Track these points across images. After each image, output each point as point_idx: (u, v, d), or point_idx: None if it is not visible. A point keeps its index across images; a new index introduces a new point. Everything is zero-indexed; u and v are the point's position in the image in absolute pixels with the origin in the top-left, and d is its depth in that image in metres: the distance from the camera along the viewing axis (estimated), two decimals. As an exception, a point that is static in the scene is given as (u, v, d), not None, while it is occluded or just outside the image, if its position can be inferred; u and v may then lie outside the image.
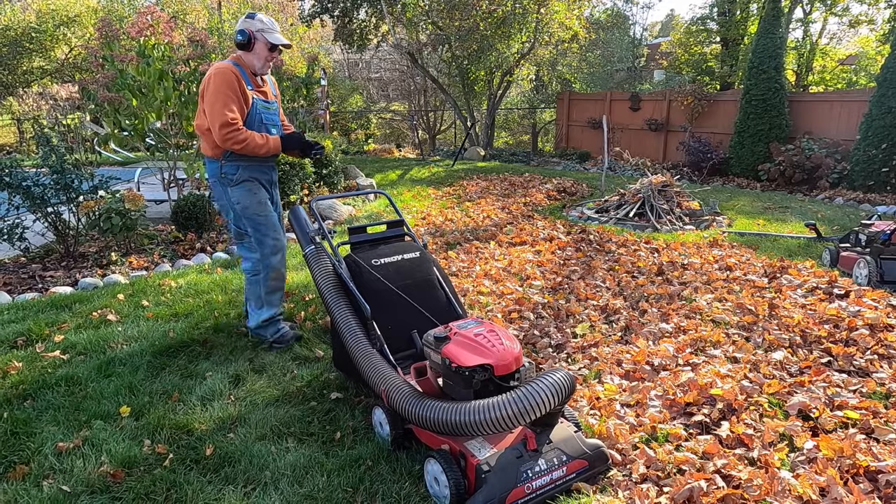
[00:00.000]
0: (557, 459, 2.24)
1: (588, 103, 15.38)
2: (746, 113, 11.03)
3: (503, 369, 2.27)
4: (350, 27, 16.13)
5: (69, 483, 2.37)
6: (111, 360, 3.46)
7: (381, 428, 2.66)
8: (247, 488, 2.38)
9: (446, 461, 2.20)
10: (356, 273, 2.95)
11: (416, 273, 3.08)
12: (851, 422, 2.61)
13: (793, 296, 4.24)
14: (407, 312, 2.93)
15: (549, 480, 2.20)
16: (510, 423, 2.05)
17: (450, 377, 2.34)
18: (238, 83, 3.30)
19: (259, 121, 3.47)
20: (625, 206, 7.60)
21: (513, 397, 2.07)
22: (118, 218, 5.41)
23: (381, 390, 2.50)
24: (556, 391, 2.09)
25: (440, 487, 2.23)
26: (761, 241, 6.07)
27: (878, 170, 9.14)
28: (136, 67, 5.73)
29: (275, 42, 3.35)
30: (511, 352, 2.32)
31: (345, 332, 2.78)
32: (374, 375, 2.57)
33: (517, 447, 2.23)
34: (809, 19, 15.67)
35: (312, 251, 3.13)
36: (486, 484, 2.10)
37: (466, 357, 2.28)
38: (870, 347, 3.34)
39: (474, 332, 2.39)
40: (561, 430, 2.35)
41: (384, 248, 3.16)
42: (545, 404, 2.07)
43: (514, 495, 2.11)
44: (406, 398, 2.34)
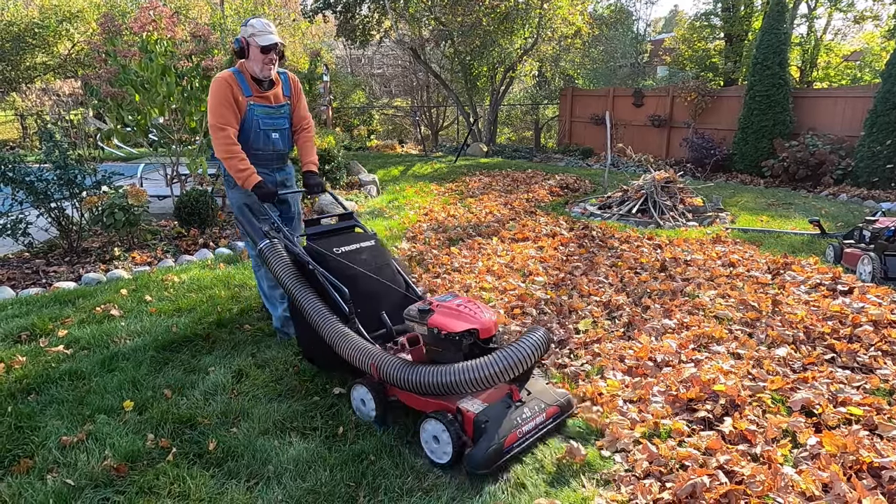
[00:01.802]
0: (538, 407, 2.57)
1: (591, 99, 15.33)
2: (750, 109, 10.98)
3: (486, 333, 2.57)
4: (353, 23, 16.09)
5: (73, 477, 2.38)
6: (115, 355, 3.47)
7: (362, 405, 2.78)
8: (250, 483, 2.39)
9: (446, 419, 2.40)
10: (320, 262, 3.06)
11: (375, 259, 3.26)
12: (855, 418, 2.61)
13: (796, 292, 4.23)
14: (373, 295, 3.09)
15: (534, 425, 2.53)
16: (502, 377, 2.33)
17: (438, 344, 2.58)
18: (230, 92, 3.33)
19: (257, 127, 3.48)
20: (628, 203, 7.58)
21: (503, 355, 2.35)
22: (121, 213, 5.42)
23: (370, 365, 2.60)
24: (536, 347, 2.43)
25: (441, 444, 2.42)
26: (765, 238, 6.05)
27: (883, 166, 9.09)
28: (139, 63, 5.73)
29: (264, 44, 3.32)
30: (491, 318, 2.62)
31: (318, 319, 2.84)
32: (359, 354, 2.66)
33: (505, 399, 2.51)
34: (814, 15, 15.60)
35: (268, 245, 3.18)
36: (487, 433, 2.35)
37: (454, 324, 2.53)
38: (873, 344, 3.33)
39: (455, 304, 2.65)
40: (536, 383, 2.73)
41: (340, 238, 3.31)
42: (529, 359, 2.38)
43: (511, 439, 2.40)
44: (400, 368, 2.49)
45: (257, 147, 3.54)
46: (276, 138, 3.60)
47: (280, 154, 3.69)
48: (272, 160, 3.66)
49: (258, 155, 3.56)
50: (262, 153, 3.58)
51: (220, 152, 3.35)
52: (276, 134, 3.59)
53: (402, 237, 6.24)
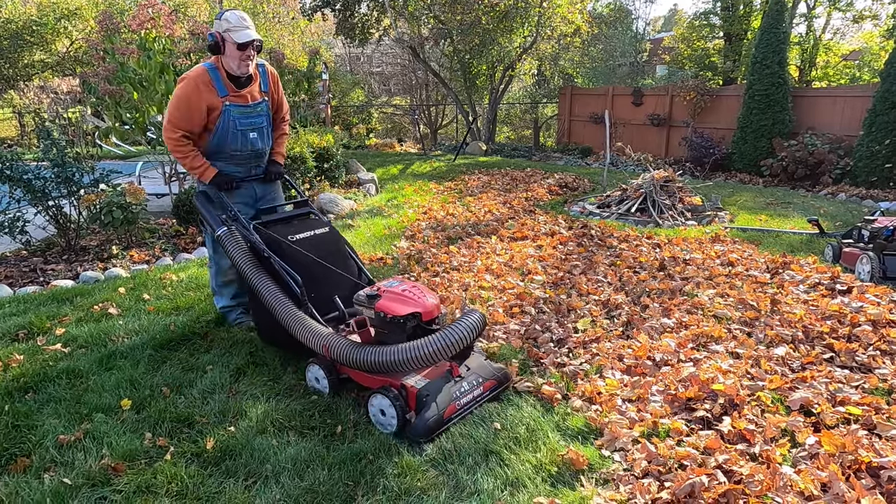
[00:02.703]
0: (476, 381, 2.82)
1: (590, 98, 15.32)
2: (749, 108, 10.98)
3: (428, 315, 2.74)
4: (351, 21, 16.05)
5: (70, 476, 2.38)
6: (112, 354, 3.46)
7: (317, 382, 3.01)
8: (248, 482, 2.38)
9: (391, 394, 2.63)
10: (275, 249, 3.17)
11: (329, 246, 3.38)
12: (853, 417, 2.61)
13: (795, 291, 4.23)
14: (326, 281, 3.23)
15: (472, 398, 2.78)
16: (441, 355, 2.53)
17: (384, 326, 2.74)
18: (198, 97, 3.29)
19: (234, 128, 3.43)
20: (627, 202, 7.58)
21: (441, 336, 2.55)
22: (119, 211, 5.40)
23: (321, 347, 2.80)
24: (472, 328, 2.62)
25: (387, 417, 2.66)
26: (763, 237, 6.05)
27: (882, 165, 9.10)
28: (138, 61, 5.71)
29: (241, 41, 3.20)
30: (434, 302, 2.80)
31: (274, 303, 3.00)
32: (312, 336, 2.84)
33: (445, 375, 2.74)
34: (813, 14, 15.59)
35: (225, 232, 3.26)
36: (427, 406, 2.59)
37: (399, 308, 2.70)
38: (872, 343, 3.33)
39: (401, 289, 2.81)
40: (475, 359, 2.95)
41: (295, 225, 3.42)
42: (465, 339, 2.58)
43: (450, 411, 2.65)
44: (349, 349, 2.69)
45: (235, 148, 3.51)
46: (255, 137, 3.55)
47: (258, 152, 3.65)
48: (250, 159, 3.64)
49: (235, 155, 3.54)
50: (240, 153, 3.56)
51: (173, 153, 3.42)
52: (253, 133, 3.54)
53: (401, 236, 6.23)
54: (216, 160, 3.52)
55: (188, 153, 3.38)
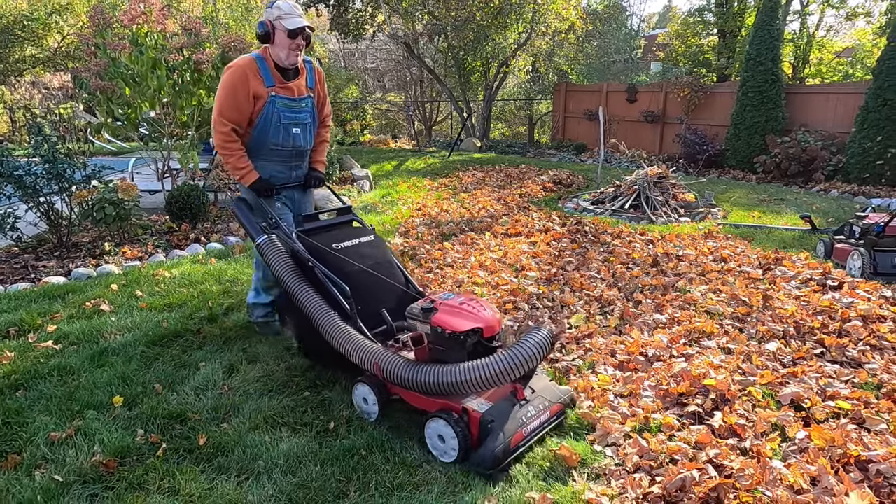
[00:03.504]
0: (542, 405, 2.57)
1: (585, 95, 15.33)
2: (743, 105, 11.02)
3: (490, 331, 2.54)
4: (346, 16, 16.00)
5: (61, 473, 2.37)
6: (104, 350, 3.44)
7: (364, 403, 2.77)
8: (240, 478, 2.38)
9: (451, 419, 2.38)
10: (319, 258, 2.99)
11: (375, 255, 3.20)
12: (843, 412, 2.63)
13: (787, 287, 4.25)
14: (373, 292, 3.04)
15: (539, 423, 2.52)
16: (508, 376, 2.30)
17: (442, 343, 2.53)
18: (245, 85, 3.15)
19: (277, 120, 3.28)
20: (620, 198, 7.59)
21: (509, 354, 2.31)
22: (112, 208, 5.37)
23: (372, 364, 2.58)
24: (541, 346, 2.40)
25: (446, 443, 2.41)
26: (756, 233, 6.08)
27: (873, 162, 9.15)
28: (129, 56, 5.67)
29: (292, 27, 3.08)
30: (495, 316, 2.61)
31: (319, 316, 2.81)
32: (362, 353, 2.64)
33: (509, 398, 2.49)
34: (807, 11, 15.63)
35: (266, 240, 3.11)
36: (493, 432, 2.33)
37: (458, 323, 2.49)
38: (862, 338, 3.35)
39: (458, 302, 2.62)
40: (539, 380, 2.71)
41: (339, 233, 3.25)
42: (534, 358, 2.35)
43: (517, 438, 2.39)
44: (405, 368, 2.47)
45: (276, 142, 3.35)
46: (297, 133, 3.39)
47: (300, 150, 3.48)
48: (291, 157, 3.46)
49: (277, 151, 3.38)
50: (282, 149, 3.39)
51: (218, 147, 3.25)
52: (297, 129, 3.38)
53: (395, 232, 6.22)
54: (256, 157, 3.35)
55: (235, 151, 3.23)
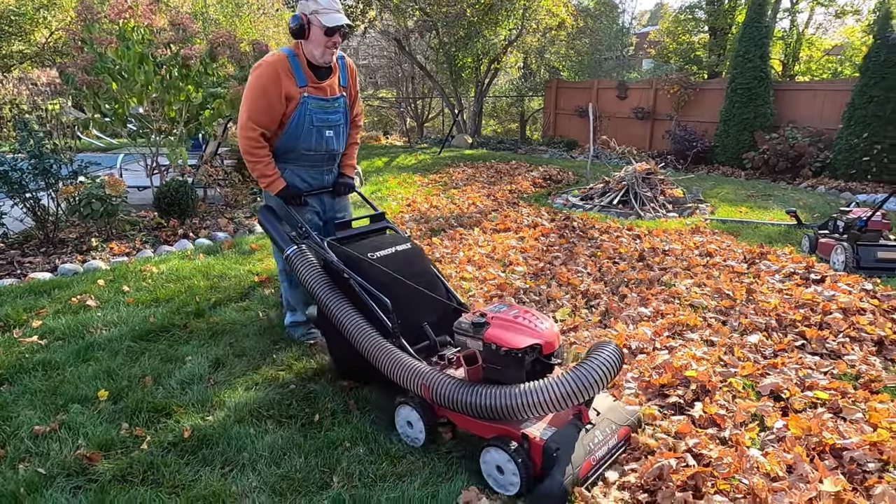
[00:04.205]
0: (609, 429, 2.32)
1: (575, 91, 15.37)
2: (732, 102, 11.09)
3: (549, 347, 2.30)
4: (337, 13, 15.95)
5: (45, 466, 2.37)
6: (90, 345, 3.44)
7: (408, 427, 2.54)
8: (224, 469, 2.39)
9: (510, 447, 2.14)
10: (355, 269, 2.76)
11: (413, 264, 2.94)
12: (821, 402, 2.67)
13: (770, 281, 4.30)
14: (413, 304, 2.78)
15: (607, 450, 2.27)
16: (576, 399, 2.07)
17: (497, 361, 2.27)
18: (276, 86, 2.94)
19: (309, 123, 3.07)
20: (609, 194, 7.64)
21: (577, 374, 2.09)
22: (99, 203, 5.35)
23: (420, 386, 2.35)
24: (612, 364, 2.16)
25: (506, 475, 2.17)
26: (743, 228, 6.13)
27: (860, 158, 9.25)
28: (116, 51, 5.64)
29: (330, 24, 2.87)
30: (553, 330, 2.36)
31: (357, 334, 2.58)
32: (407, 373, 2.40)
33: (574, 422, 2.24)
34: (796, 9, 15.74)
35: (295, 251, 2.90)
36: (559, 462, 2.09)
37: (515, 339, 2.24)
38: (842, 330, 3.40)
39: (512, 315, 2.37)
40: (604, 401, 2.45)
41: (373, 241, 3.01)
42: (605, 379, 2.12)
43: (585, 468, 2.15)
44: (457, 390, 2.23)
45: (308, 146, 3.13)
46: (330, 136, 3.17)
47: (333, 154, 3.27)
48: (323, 161, 3.25)
49: (309, 155, 3.17)
50: (314, 153, 3.18)
51: (244, 152, 3.05)
52: (329, 131, 3.16)
53: (384, 228, 6.23)
54: (285, 162, 3.16)
55: (262, 157, 3.03)
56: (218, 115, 6.35)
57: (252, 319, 3.85)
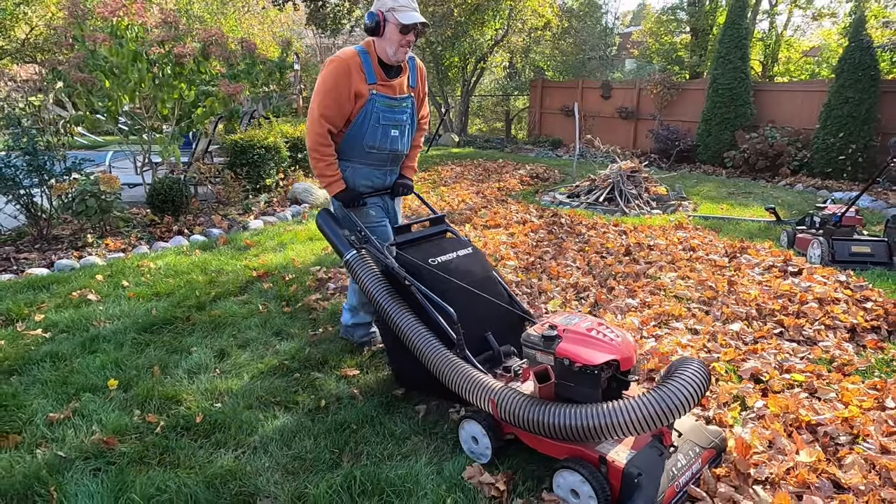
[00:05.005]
0: (692, 452, 2.14)
1: (561, 91, 15.59)
2: (713, 102, 11.35)
3: (627, 363, 2.15)
4: (323, 11, 15.99)
5: (63, 450, 2.46)
6: (95, 337, 3.52)
7: (473, 443, 2.42)
8: (237, 451, 2.50)
9: (588, 470, 2.02)
10: (416, 275, 2.67)
11: (476, 270, 2.84)
12: (797, 383, 2.85)
13: (750, 273, 4.49)
14: (476, 313, 2.67)
15: (691, 475, 2.10)
16: (662, 421, 1.90)
17: (570, 377, 2.12)
18: (347, 82, 2.88)
19: (375, 121, 3.00)
20: (595, 191, 7.82)
21: (662, 394, 1.92)
22: (93, 200, 5.40)
23: (489, 402, 2.22)
24: (700, 383, 1.97)
25: (583, 499, 2.04)
26: (724, 225, 6.35)
27: (836, 157, 9.55)
28: (110, 48, 5.68)
29: (407, 21, 2.80)
30: (630, 343, 2.21)
31: (421, 345, 2.49)
32: (475, 387, 2.28)
33: (655, 444, 2.08)
34: (775, 11, 16.12)
35: (354, 256, 2.82)
36: (642, 489, 1.93)
37: (590, 354, 2.09)
38: (818, 319, 3.60)
39: (585, 327, 2.22)
40: (685, 420, 2.25)
41: (434, 246, 2.91)
42: (693, 400, 1.93)
43: (669, 496, 1.98)
44: (529, 408, 2.09)
45: (372, 145, 3.05)
46: (395, 136, 3.10)
47: (397, 155, 3.19)
48: (387, 162, 3.18)
49: (372, 154, 3.09)
50: (377, 152, 3.10)
51: (311, 148, 2.98)
52: (395, 131, 3.09)
53: (377, 224, 6.34)
54: (348, 160, 3.09)
55: (326, 156, 2.97)
56: (211, 113, 6.41)
57: (252, 312, 3.95)
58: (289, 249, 5.35)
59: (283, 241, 5.60)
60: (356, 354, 3.36)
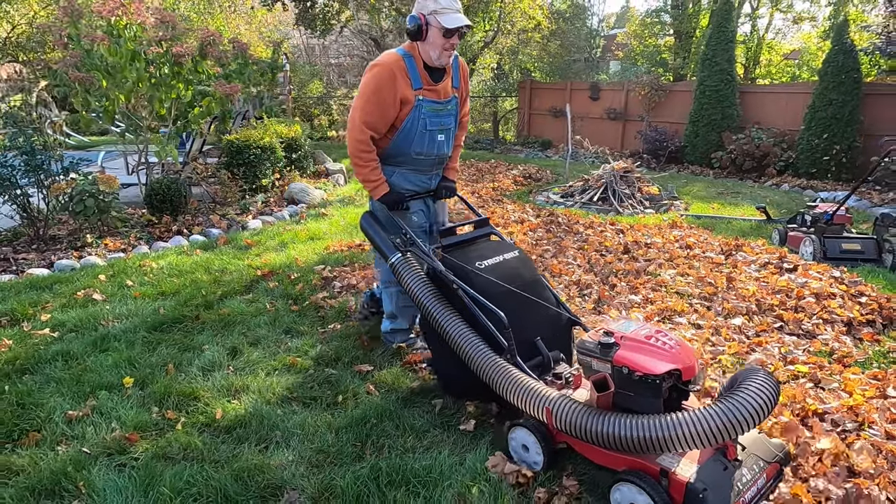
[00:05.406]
0: (757, 466, 2.04)
1: (549, 92, 15.72)
2: (701, 103, 11.53)
3: (690, 373, 2.06)
4: (313, 11, 15.96)
5: (86, 446, 2.47)
6: (105, 336, 3.51)
7: (523, 452, 2.37)
8: (259, 446, 2.53)
9: (648, 484, 1.94)
10: (463, 279, 2.61)
11: (523, 274, 2.77)
12: (801, 374, 2.95)
13: (747, 270, 4.61)
14: (525, 318, 2.62)
15: (756, 491, 2.00)
16: (728, 435, 1.82)
17: (630, 387, 2.06)
18: (392, 88, 2.81)
19: (423, 127, 2.93)
20: (589, 191, 7.93)
21: (730, 407, 1.83)
22: (92, 200, 5.36)
23: (544, 410, 2.16)
24: (769, 397, 1.87)
25: None
26: (716, 223, 6.48)
27: (820, 158, 9.77)
28: (108, 48, 5.65)
29: (450, 25, 2.73)
30: (691, 352, 2.13)
31: (471, 351, 2.43)
32: (528, 395, 2.22)
33: (718, 458, 1.98)
34: (756, 15, 16.40)
35: (400, 259, 2.77)
36: None
37: (652, 363, 2.02)
38: (815, 313, 3.71)
39: (643, 334, 2.15)
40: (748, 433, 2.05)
41: (479, 249, 2.86)
42: (762, 413, 1.84)
43: None
44: (586, 417, 2.03)
45: (419, 151, 2.99)
46: (442, 141, 3.03)
47: (442, 159, 3.14)
48: (432, 167, 3.13)
49: (419, 160, 3.03)
50: (425, 158, 3.03)
51: (352, 155, 2.93)
52: (442, 135, 3.02)
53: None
54: (395, 166, 3.05)
55: (369, 162, 2.91)
56: (208, 113, 6.39)
57: (261, 311, 3.97)
58: (290, 249, 5.37)
59: (284, 241, 5.61)
60: (368, 351, 3.39)
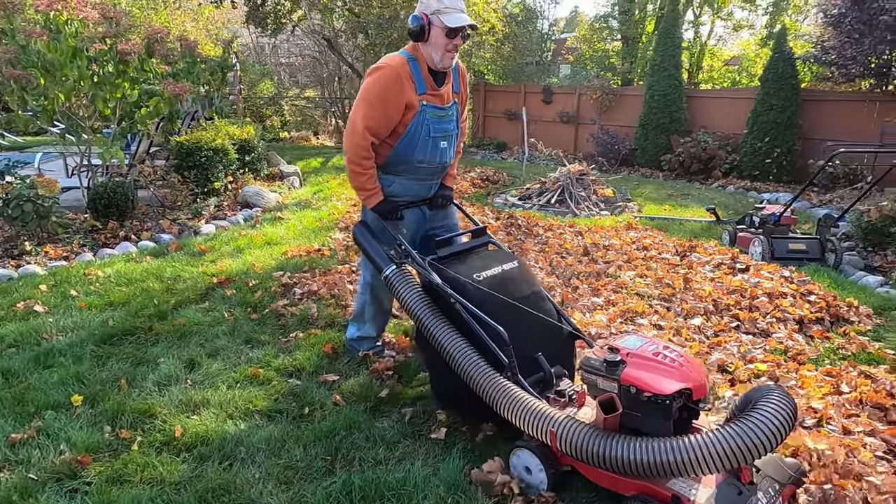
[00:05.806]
0: (772, 490, 1.94)
1: (504, 95, 15.86)
2: (650, 107, 11.86)
3: (700, 392, 1.98)
4: (264, 10, 15.58)
5: (32, 472, 2.30)
6: (48, 352, 3.30)
7: (526, 473, 2.26)
8: (224, 464, 2.42)
9: None
10: (460, 292, 2.49)
11: (522, 286, 2.66)
12: (761, 372, 3.04)
13: (702, 271, 4.75)
14: (525, 332, 2.50)
15: None
16: (744, 458, 1.74)
17: (637, 407, 1.98)
18: (398, 92, 2.70)
19: (427, 133, 2.83)
20: (546, 194, 8.02)
21: (745, 429, 1.75)
22: (30, 205, 5.06)
23: (548, 433, 2.06)
24: (787, 419, 1.78)
25: None
26: (669, 225, 6.66)
27: (763, 161, 10.20)
28: (47, 44, 5.33)
29: (453, 25, 2.63)
30: (701, 369, 2.05)
31: (471, 368, 2.34)
32: (531, 416, 2.12)
33: (732, 482, 1.90)
34: (699, 22, 17.02)
35: (395, 272, 2.67)
36: None
37: (661, 382, 1.93)
38: (769, 312, 3.85)
39: (651, 351, 2.06)
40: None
41: (477, 259, 2.75)
42: (780, 436, 1.75)
43: None
44: (593, 440, 1.93)
45: (422, 159, 2.88)
46: (445, 148, 2.94)
47: (444, 166, 3.03)
48: (433, 174, 3.03)
49: (421, 168, 2.93)
50: (426, 166, 2.93)
51: (351, 161, 2.81)
52: (444, 142, 2.92)
53: (335, 227, 6.26)
54: (395, 174, 2.94)
55: (367, 169, 2.80)
56: (156, 114, 6.12)
57: (218, 320, 3.81)
58: (246, 254, 5.20)
59: (240, 246, 5.43)
60: (333, 360, 3.31)
